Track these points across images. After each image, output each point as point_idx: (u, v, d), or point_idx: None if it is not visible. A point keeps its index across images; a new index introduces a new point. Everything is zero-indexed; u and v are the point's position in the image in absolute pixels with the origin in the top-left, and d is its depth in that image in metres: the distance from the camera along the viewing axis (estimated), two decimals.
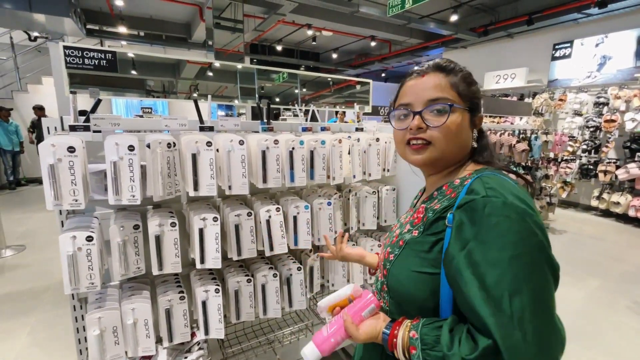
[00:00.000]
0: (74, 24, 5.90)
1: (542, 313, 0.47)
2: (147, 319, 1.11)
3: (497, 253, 0.48)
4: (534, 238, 0.49)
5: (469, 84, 0.67)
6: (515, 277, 0.47)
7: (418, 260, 0.61)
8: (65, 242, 0.96)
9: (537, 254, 0.49)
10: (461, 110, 0.64)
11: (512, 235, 0.48)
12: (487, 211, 0.51)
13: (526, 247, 0.49)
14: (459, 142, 0.65)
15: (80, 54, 1.08)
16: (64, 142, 0.91)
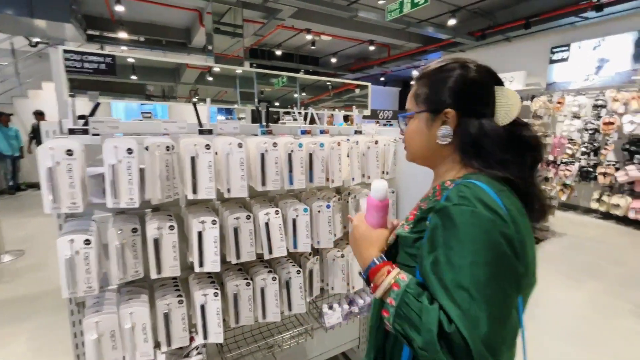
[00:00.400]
0: (75, 29, 5.94)
1: (494, 319, 0.50)
2: (145, 323, 1.10)
3: (459, 259, 0.52)
4: (498, 248, 0.52)
5: (432, 84, 0.69)
6: (472, 282, 0.50)
7: (404, 254, 0.66)
8: (63, 246, 0.96)
9: (497, 263, 0.52)
10: (416, 114, 0.71)
11: (475, 244, 0.52)
12: (457, 219, 0.54)
13: (487, 256, 0.51)
14: (418, 145, 0.72)
15: (80, 58, 1.09)
16: (62, 145, 0.91)
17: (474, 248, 0.52)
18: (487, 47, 7.67)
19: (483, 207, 0.54)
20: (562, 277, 3.28)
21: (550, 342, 2.26)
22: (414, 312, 0.53)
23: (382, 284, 0.60)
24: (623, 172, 5.07)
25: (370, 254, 0.66)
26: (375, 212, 0.68)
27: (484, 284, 0.50)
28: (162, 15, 7.63)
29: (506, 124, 0.65)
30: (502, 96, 0.67)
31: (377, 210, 0.68)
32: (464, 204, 0.54)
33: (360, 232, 0.69)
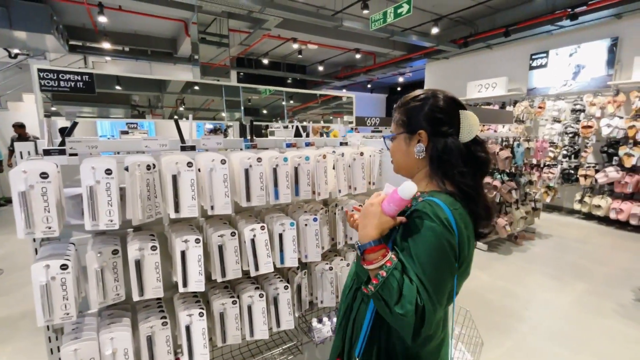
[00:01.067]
0: (56, 40, 5.84)
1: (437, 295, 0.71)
2: (127, 348, 1.06)
3: (421, 252, 0.73)
4: (442, 249, 0.73)
5: (406, 112, 0.87)
6: (426, 267, 0.71)
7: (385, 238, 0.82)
8: (38, 272, 0.92)
9: (441, 259, 0.73)
10: (397, 136, 0.89)
11: (429, 246, 0.72)
12: (420, 227, 0.74)
13: (436, 254, 0.72)
14: (400, 159, 0.90)
15: (56, 77, 1.06)
16: (36, 168, 0.89)
17: (429, 249, 0.72)
18: (469, 54, 7.87)
19: (439, 222, 0.73)
20: (549, 279, 3.34)
21: (538, 343, 2.29)
22: (397, 287, 0.70)
23: (378, 261, 0.73)
24: (603, 174, 5.24)
25: (372, 235, 0.76)
26: (394, 204, 0.76)
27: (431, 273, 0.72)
28: (146, 26, 7.57)
29: (468, 141, 0.82)
30: (465, 119, 0.83)
31: (396, 203, 0.75)
32: (426, 219, 0.74)
33: (373, 210, 0.77)
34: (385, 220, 0.76)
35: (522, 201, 4.56)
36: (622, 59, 5.45)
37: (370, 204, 0.78)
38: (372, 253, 0.74)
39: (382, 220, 0.76)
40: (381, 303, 0.72)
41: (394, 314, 0.69)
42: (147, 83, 1.52)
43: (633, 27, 5.34)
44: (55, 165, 0.96)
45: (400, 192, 0.74)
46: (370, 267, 0.74)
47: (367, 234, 0.76)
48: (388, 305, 0.70)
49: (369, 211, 0.78)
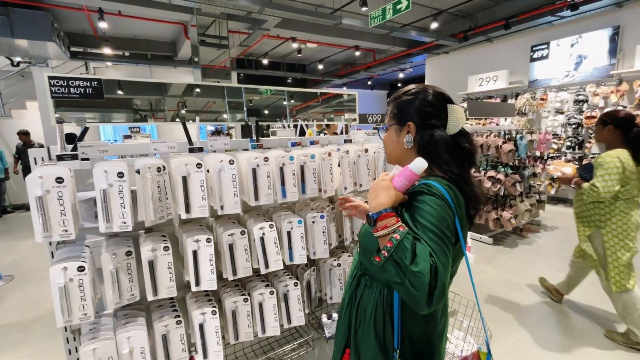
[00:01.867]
0: (58, 47, 5.89)
1: (445, 257, 0.76)
2: (143, 347, 1.09)
3: (425, 221, 0.78)
4: (443, 218, 0.78)
5: (399, 105, 0.93)
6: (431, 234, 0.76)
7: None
8: (56, 274, 0.94)
9: (443, 226, 0.78)
10: (389, 127, 0.96)
11: (432, 215, 0.78)
12: (426, 200, 0.79)
13: (438, 222, 0.78)
14: (392, 149, 0.96)
15: (66, 83, 1.08)
16: (51, 173, 0.91)
17: (433, 219, 0.77)
18: (470, 48, 7.84)
19: (437, 196, 0.80)
20: (555, 270, 3.34)
21: (547, 335, 2.30)
22: (411, 247, 0.73)
23: (392, 225, 0.76)
24: None
25: (384, 203, 0.79)
26: (405, 179, 0.80)
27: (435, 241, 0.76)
28: (146, 30, 7.61)
29: (454, 133, 0.89)
30: (452, 112, 0.89)
31: (407, 178, 0.80)
32: (429, 193, 0.80)
33: (384, 184, 0.81)
34: (395, 194, 0.80)
35: (526, 194, 4.55)
36: (624, 48, 5.41)
37: (381, 179, 0.82)
38: (384, 219, 0.77)
39: (393, 192, 0.80)
40: (395, 268, 0.73)
41: (410, 274, 0.71)
42: (149, 87, 1.54)
43: (634, 15, 5.30)
44: (69, 170, 0.98)
45: (412, 167, 0.80)
46: (383, 232, 0.76)
47: (380, 202, 0.79)
48: (402, 268, 0.72)
49: (380, 185, 0.81)
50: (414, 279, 0.70)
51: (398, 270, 0.73)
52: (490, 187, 4.01)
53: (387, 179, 0.82)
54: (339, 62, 11.31)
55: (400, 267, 0.72)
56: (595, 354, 2.10)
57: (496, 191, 3.99)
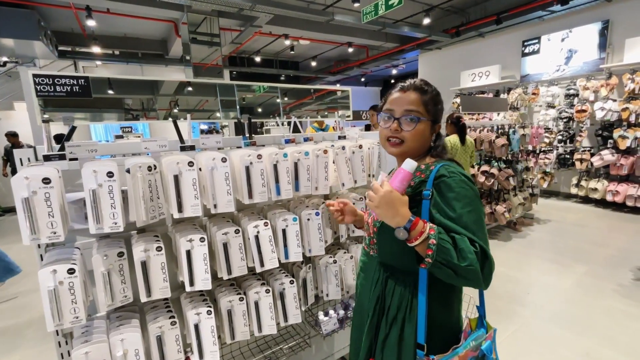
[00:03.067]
0: (45, 46, 5.77)
1: (486, 237, 0.83)
2: (137, 349, 1.07)
3: (461, 210, 0.82)
4: (477, 199, 0.86)
5: (435, 103, 0.96)
6: (473, 222, 0.82)
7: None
8: (45, 277, 0.92)
9: (479, 206, 0.85)
10: (425, 121, 0.94)
11: (467, 198, 0.84)
12: (452, 184, 0.84)
13: (475, 204, 0.84)
14: (421, 143, 0.95)
15: (52, 81, 1.06)
16: (38, 174, 0.88)
17: (468, 200, 0.83)
18: (462, 44, 7.86)
19: (463, 176, 0.86)
20: (549, 263, 3.38)
21: (541, 326, 2.33)
22: (451, 246, 0.78)
23: (424, 233, 0.79)
24: (598, 157, 5.28)
25: (407, 212, 0.82)
26: (405, 181, 0.83)
27: (477, 221, 0.83)
28: (136, 28, 7.49)
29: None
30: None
31: (406, 179, 0.83)
32: (454, 175, 0.86)
33: (395, 195, 0.82)
34: (405, 199, 0.83)
35: (519, 188, 4.59)
36: (613, 42, 5.47)
37: (389, 192, 0.81)
38: (415, 227, 0.79)
39: (404, 199, 0.83)
40: (444, 269, 0.77)
41: (461, 270, 0.76)
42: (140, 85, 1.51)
43: (623, 9, 5.35)
44: (57, 170, 0.96)
45: (408, 168, 0.83)
46: (418, 241, 0.79)
47: (403, 214, 0.80)
48: (452, 266, 0.76)
49: (391, 197, 0.80)
50: (465, 272, 0.76)
51: (447, 270, 0.77)
52: (484, 181, 4.04)
53: (391, 188, 0.82)
54: (332, 59, 11.28)
55: (449, 266, 0.77)
56: (591, 346, 2.13)
57: (490, 185, 4.02)
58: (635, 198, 4.82)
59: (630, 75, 5.01)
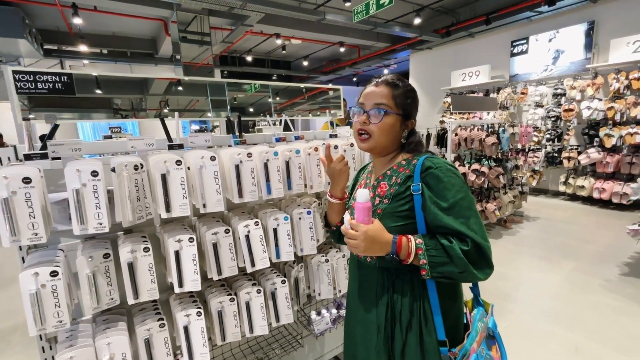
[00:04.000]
0: (30, 45, 5.63)
1: (480, 220, 0.84)
2: (125, 353, 1.04)
3: (453, 198, 0.83)
4: (465, 185, 0.86)
5: (406, 98, 0.93)
6: (466, 208, 0.83)
7: (394, 219, 0.89)
8: (27, 280, 0.89)
9: (469, 193, 0.86)
10: (394, 115, 0.91)
11: (457, 186, 0.84)
12: (440, 175, 0.84)
13: (464, 191, 0.85)
14: (389, 137, 0.93)
15: (32, 78, 1.02)
16: (18, 174, 0.85)
17: (457, 188, 0.83)
18: (452, 44, 7.94)
19: (449, 165, 0.87)
20: (538, 259, 3.43)
21: (531, 322, 2.36)
22: (441, 257, 0.80)
23: (410, 255, 0.82)
24: (585, 155, 5.39)
25: (388, 237, 0.83)
26: (368, 211, 0.83)
27: (470, 206, 0.84)
28: (124, 27, 7.36)
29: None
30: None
31: (367, 210, 0.83)
32: (440, 166, 0.86)
33: (371, 231, 0.82)
34: (379, 225, 0.85)
35: (509, 186, 4.65)
36: (599, 43, 5.58)
37: (364, 232, 0.82)
38: (401, 251, 0.82)
39: (378, 226, 0.84)
40: (442, 279, 0.83)
41: (458, 276, 0.80)
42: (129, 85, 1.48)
43: (608, 10, 5.47)
44: (38, 170, 0.93)
45: (363, 200, 0.83)
46: (410, 259, 0.82)
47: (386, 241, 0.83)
48: (447, 276, 0.80)
49: (370, 235, 0.82)
50: (461, 277, 0.79)
51: (445, 279, 0.81)
52: (475, 179, 4.08)
53: (365, 226, 0.82)
54: (324, 59, 11.27)
55: (445, 277, 0.80)
56: (580, 340, 2.17)
57: (480, 184, 4.07)
58: (621, 195, 4.93)
59: (615, 75, 5.13)
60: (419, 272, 0.85)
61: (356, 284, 1.05)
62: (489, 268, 0.81)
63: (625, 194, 4.85)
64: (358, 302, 1.02)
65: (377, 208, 0.93)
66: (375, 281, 0.96)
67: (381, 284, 0.94)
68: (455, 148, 4.27)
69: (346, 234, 0.85)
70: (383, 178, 0.96)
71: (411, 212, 0.87)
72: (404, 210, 0.88)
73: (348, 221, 0.85)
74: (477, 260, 0.79)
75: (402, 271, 0.90)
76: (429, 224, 0.85)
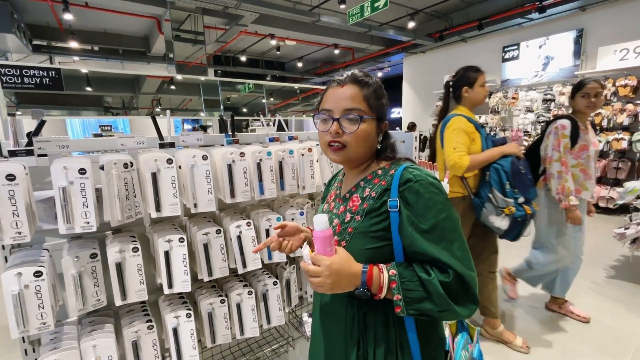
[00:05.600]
0: (18, 40, 5.51)
1: (465, 245, 0.72)
2: (111, 355, 1.02)
3: (434, 218, 0.70)
4: (448, 202, 0.73)
5: (378, 97, 0.79)
6: (449, 230, 0.70)
7: (367, 240, 0.75)
8: (9, 281, 0.86)
9: (453, 212, 0.73)
10: (370, 119, 0.77)
11: (440, 204, 0.71)
12: (420, 190, 0.71)
13: (448, 209, 0.72)
14: (367, 145, 0.79)
15: (19, 72, 0.99)
16: (1, 170, 0.83)
17: (440, 206, 0.70)
18: (445, 48, 8.04)
19: (432, 178, 0.73)
20: None
21: (520, 325, 2.38)
22: (418, 292, 0.68)
23: (382, 289, 0.69)
24: None
25: (357, 268, 0.70)
26: (330, 240, 0.69)
27: (454, 228, 0.71)
28: (116, 23, 7.26)
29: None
30: None
31: (329, 238, 0.69)
32: (421, 179, 0.72)
33: (336, 263, 0.68)
34: (344, 254, 0.70)
35: None
36: (587, 50, 5.71)
37: (328, 265, 0.67)
38: (372, 284, 0.69)
39: (343, 256, 0.70)
40: (421, 317, 0.70)
41: (437, 314, 0.67)
42: (120, 83, 1.45)
43: (596, 19, 5.60)
44: (23, 167, 0.90)
45: (320, 228, 0.68)
46: (383, 294, 0.70)
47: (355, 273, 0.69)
48: (428, 314, 0.68)
49: (335, 268, 0.67)
50: (441, 315, 0.67)
51: (422, 315, 0.69)
52: None
53: (328, 259, 0.68)
54: (319, 60, 11.29)
55: (423, 314, 0.68)
56: (566, 342, 2.20)
57: None
58: (607, 199, 5.04)
59: (603, 81, 5.25)
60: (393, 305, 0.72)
61: (321, 311, 0.87)
62: (473, 303, 0.69)
63: (611, 199, 4.96)
64: (326, 333, 0.86)
65: (347, 226, 0.78)
66: (344, 313, 0.79)
67: (351, 317, 0.78)
68: None
69: (307, 272, 0.70)
70: (355, 190, 0.82)
71: (387, 232, 0.73)
72: (379, 230, 0.74)
73: (307, 255, 0.70)
74: (459, 294, 0.68)
75: (374, 302, 0.74)
76: (406, 247, 0.72)
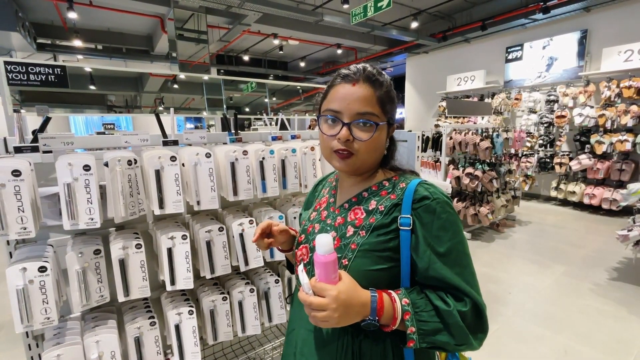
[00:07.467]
0: (23, 38, 5.55)
1: (474, 270, 0.68)
2: (114, 351, 1.03)
3: (450, 241, 0.64)
4: (460, 222, 0.68)
5: (391, 99, 0.71)
6: (463, 254, 0.66)
7: (373, 259, 0.67)
8: (14, 276, 0.87)
9: (463, 233, 0.68)
10: (383, 125, 0.69)
11: (455, 225, 0.66)
12: (438, 209, 0.65)
13: (461, 232, 0.67)
14: (377, 154, 0.72)
15: (25, 70, 1.00)
16: (7, 166, 0.84)
17: (456, 228, 0.66)
18: (448, 48, 8.01)
19: (445, 196, 0.67)
20: (529, 263, 3.47)
21: (522, 325, 2.38)
22: (434, 323, 0.61)
23: (396, 320, 0.61)
24: (576, 161, 5.47)
25: (365, 297, 0.60)
26: (334, 266, 0.58)
27: (466, 252, 0.67)
28: (120, 22, 7.29)
29: None
30: None
31: (333, 263, 0.58)
32: (437, 197, 0.66)
33: (343, 292, 0.58)
34: (350, 280, 0.61)
35: (502, 190, 4.70)
36: (591, 51, 5.68)
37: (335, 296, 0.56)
38: (382, 314, 0.60)
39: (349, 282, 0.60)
40: (437, 348, 0.64)
41: (452, 347, 0.62)
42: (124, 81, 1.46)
43: (601, 19, 5.57)
44: (29, 163, 0.91)
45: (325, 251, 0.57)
46: (394, 327, 0.61)
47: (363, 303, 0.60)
48: (442, 347, 0.62)
49: (343, 299, 0.57)
50: (455, 349, 0.62)
51: (435, 348, 0.63)
52: (469, 183, 4.11)
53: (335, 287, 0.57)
54: (321, 60, 11.29)
55: (436, 346, 0.62)
56: (569, 343, 2.19)
57: (474, 187, 4.10)
58: (611, 201, 5.01)
59: (607, 83, 5.22)
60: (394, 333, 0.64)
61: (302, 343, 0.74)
62: (483, 333, 0.64)
63: (614, 200, 4.93)
64: None
65: (349, 241, 0.68)
66: (335, 342, 0.68)
67: (343, 346, 0.68)
68: (450, 151, 4.31)
69: (309, 305, 0.57)
70: (358, 201, 0.73)
71: (395, 252, 0.66)
72: (386, 249, 0.66)
73: (308, 285, 0.58)
74: (474, 325, 0.62)
75: (377, 332, 0.65)
76: (418, 270, 0.65)
